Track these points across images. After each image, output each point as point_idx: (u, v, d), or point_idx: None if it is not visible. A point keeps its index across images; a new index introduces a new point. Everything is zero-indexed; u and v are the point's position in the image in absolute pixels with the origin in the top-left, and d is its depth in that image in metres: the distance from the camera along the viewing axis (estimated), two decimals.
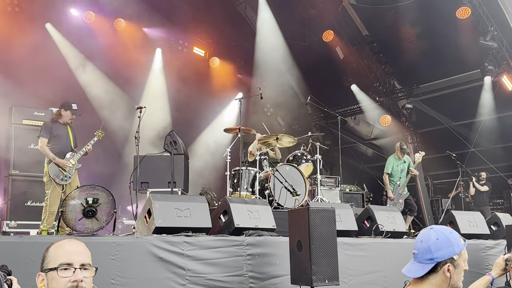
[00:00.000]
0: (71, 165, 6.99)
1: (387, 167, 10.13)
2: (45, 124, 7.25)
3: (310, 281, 4.69)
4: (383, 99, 14.66)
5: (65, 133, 7.25)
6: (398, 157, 10.18)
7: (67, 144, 7.21)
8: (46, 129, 7.12)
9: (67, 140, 7.23)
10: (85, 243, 2.27)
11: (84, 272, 2.13)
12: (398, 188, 9.91)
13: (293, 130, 16.51)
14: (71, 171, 7.00)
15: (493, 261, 7.19)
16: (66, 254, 2.13)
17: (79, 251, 2.19)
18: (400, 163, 10.15)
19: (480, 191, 12.37)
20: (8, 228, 7.60)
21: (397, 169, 10.09)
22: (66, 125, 7.31)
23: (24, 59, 10.23)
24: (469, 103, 12.93)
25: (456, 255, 2.29)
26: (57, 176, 6.87)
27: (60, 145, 7.11)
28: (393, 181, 10.04)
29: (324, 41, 13.97)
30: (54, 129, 7.16)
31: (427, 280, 2.31)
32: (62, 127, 7.26)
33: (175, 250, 4.89)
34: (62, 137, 7.18)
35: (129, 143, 7.33)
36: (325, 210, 5.03)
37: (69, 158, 7.03)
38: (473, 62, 12.02)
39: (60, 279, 2.08)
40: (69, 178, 6.98)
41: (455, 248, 2.30)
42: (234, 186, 8.20)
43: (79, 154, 7.14)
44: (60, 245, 2.18)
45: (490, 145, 13.31)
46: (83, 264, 2.15)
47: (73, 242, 2.22)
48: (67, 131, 7.30)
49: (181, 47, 14.54)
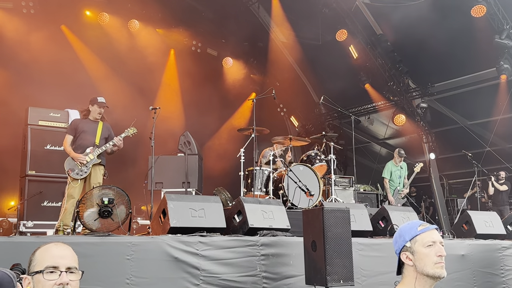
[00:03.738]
0: (85, 160, 6.71)
1: (384, 172, 10.63)
2: (73, 121, 7.13)
3: (324, 281, 4.68)
4: (397, 98, 14.57)
5: (92, 129, 7.00)
6: (396, 162, 10.59)
7: (91, 139, 6.94)
8: (72, 126, 7.00)
9: (92, 135, 6.96)
10: (101, 243, 2.29)
11: (70, 276, 2.13)
12: (397, 193, 10.37)
13: (306, 130, 16.50)
14: (88, 166, 6.73)
15: (509, 261, 7.17)
16: (52, 257, 2.15)
17: (65, 254, 2.19)
18: (397, 169, 10.56)
19: (499, 191, 12.24)
20: (25, 228, 7.67)
21: (395, 174, 10.50)
22: (97, 122, 7.06)
23: (39, 60, 10.36)
24: (484, 102, 12.80)
25: (408, 242, 2.42)
26: (71, 170, 6.66)
27: (83, 140, 6.88)
28: (393, 185, 10.48)
29: (337, 41, 13.91)
30: (81, 126, 6.96)
31: (403, 274, 2.46)
32: (91, 123, 7.03)
33: (189, 250, 4.91)
34: (87, 132, 6.94)
35: (144, 143, 7.40)
36: (340, 210, 5.02)
37: (88, 153, 6.77)
38: (488, 60, 11.89)
39: (46, 282, 2.09)
40: (85, 172, 6.70)
41: (406, 236, 2.45)
42: (248, 186, 8.22)
43: (100, 149, 6.87)
44: (46, 249, 2.20)
45: (506, 144, 13.17)
46: (69, 268, 2.15)
47: (60, 245, 2.23)
48: (96, 128, 7.03)
49: (195, 47, 14.59)
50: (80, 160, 6.70)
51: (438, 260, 2.37)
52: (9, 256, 3.96)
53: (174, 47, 13.88)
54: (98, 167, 6.90)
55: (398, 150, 10.66)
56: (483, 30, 11.40)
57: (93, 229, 5.27)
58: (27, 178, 7.89)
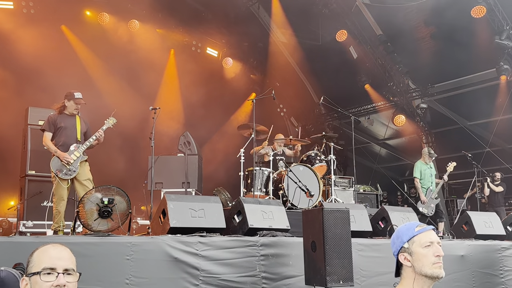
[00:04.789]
0: (72, 159, 6.52)
1: (415, 171, 10.25)
2: (49, 117, 6.85)
3: (324, 281, 4.68)
4: (397, 98, 14.57)
5: (71, 125, 6.81)
6: (425, 161, 10.28)
7: (72, 135, 6.76)
8: (49, 123, 6.74)
9: (73, 132, 6.78)
10: (100, 243, 2.29)
11: (67, 277, 2.13)
12: (430, 192, 10.01)
13: (306, 130, 16.50)
14: (75, 165, 6.54)
15: (509, 262, 7.17)
16: (49, 259, 2.14)
17: (63, 256, 2.19)
18: (427, 168, 10.25)
19: (495, 192, 12.24)
20: (24, 228, 7.66)
21: (425, 173, 10.17)
22: (74, 116, 6.87)
23: (39, 60, 10.36)
24: (484, 102, 12.81)
25: (406, 243, 2.44)
26: (59, 170, 6.45)
27: (64, 137, 6.68)
28: (426, 185, 10.12)
29: (337, 41, 13.91)
30: (59, 121, 6.75)
31: (402, 275, 2.48)
32: (69, 118, 6.82)
33: (189, 250, 4.91)
34: (67, 128, 6.75)
35: (143, 143, 7.39)
36: (340, 210, 5.02)
37: (73, 150, 6.59)
38: (488, 61, 11.90)
39: (43, 284, 2.09)
40: (74, 172, 6.51)
41: (403, 237, 2.47)
42: (248, 186, 8.22)
43: (84, 145, 6.69)
44: (44, 250, 2.20)
45: (506, 145, 13.17)
46: (66, 269, 2.15)
47: (58, 247, 2.22)
48: (75, 122, 6.85)
49: (195, 48, 14.60)
50: (66, 159, 6.48)
51: (436, 260, 2.38)
52: (9, 256, 3.96)
53: (174, 47, 13.88)
54: (83, 163, 6.71)
55: (428, 149, 10.39)
56: (483, 31, 11.40)
57: (101, 230, 5.24)
58: (27, 178, 7.89)
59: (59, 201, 6.46)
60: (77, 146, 6.67)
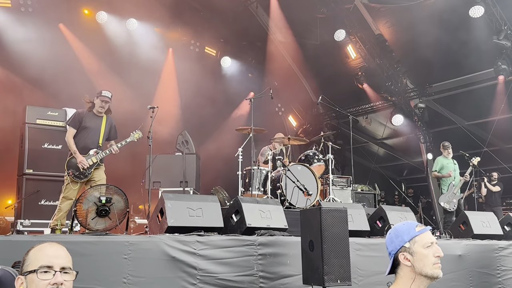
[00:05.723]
0: (87, 165, 6.50)
1: (435, 166, 10.28)
2: (76, 113, 6.76)
3: (322, 281, 4.68)
4: (395, 98, 14.57)
5: (96, 126, 6.72)
6: (446, 156, 10.29)
7: (94, 139, 6.68)
8: (75, 118, 6.66)
9: (96, 135, 6.70)
10: (98, 242, 2.29)
11: (64, 276, 2.12)
12: (452, 187, 9.95)
13: (304, 130, 16.50)
14: (89, 170, 6.55)
15: (506, 262, 7.18)
16: (46, 257, 2.14)
17: (59, 254, 2.18)
18: (450, 162, 10.23)
19: (492, 192, 12.26)
20: (22, 227, 7.65)
21: (447, 168, 10.11)
22: (101, 117, 6.79)
23: (37, 59, 10.34)
24: (482, 102, 12.82)
25: (407, 243, 2.42)
26: (73, 172, 6.46)
27: (86, 138, 6.62)
28: (449, 179, 10.07)
29: (335, 40, 13.92)
30: (86, 119, 6.66)
31: (397, 274, 2.45)
32: (95, 118, 6.74)
33: (187, 249, 4.90)
34: (92, 130, 6.67)
35: (141, 142, 7.37)
36: (337, 210, 5.02)
37: (91, 155, 6.56)
38: (486, 61, 11.90)
39: (39, 282, 2.08)
40: (85, 177, 6.53)
41: (404, 236, 2.44)
42: (246, 185, 8.22)
43: (104, 153, 6.66)
44: (40, 248, 2.19)
45: (504, 145, 13.18)
46: (63, 268, 2.14)
47: (54, 245, 2.22)
48: (100, 124, 6.76)
49: (193, 46, 14.58)
50: (83, 164, 6.50)
51: (436, 260, 2.40)
52: (6, 255, 3.94)
53: (173, 46, 13.85)
54: (100, 166, 6.79)
55: (442, 143, 10.40)
56: (481, 31, 11.41)
57: (99, 229, 5.23)
58: (24, 176, 7.88)
59: (64, 200, 6.51)
60: (96, 151, 6.67)
